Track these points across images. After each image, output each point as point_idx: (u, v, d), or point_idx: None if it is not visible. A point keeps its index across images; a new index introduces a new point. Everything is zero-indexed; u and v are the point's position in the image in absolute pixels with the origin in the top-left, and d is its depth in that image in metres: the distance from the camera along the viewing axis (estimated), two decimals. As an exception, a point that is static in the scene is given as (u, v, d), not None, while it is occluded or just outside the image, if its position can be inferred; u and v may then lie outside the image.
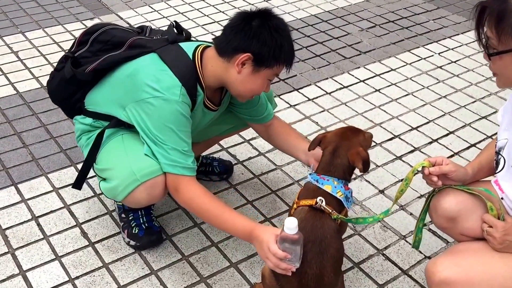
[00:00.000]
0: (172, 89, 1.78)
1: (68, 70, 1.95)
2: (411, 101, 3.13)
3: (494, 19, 1.48)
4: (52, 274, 2.01)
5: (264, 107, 2.16)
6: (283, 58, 1.81)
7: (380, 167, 2.62)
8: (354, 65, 3.47)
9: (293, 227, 1.57)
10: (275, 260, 1.62)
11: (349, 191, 1.81)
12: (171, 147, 1.79)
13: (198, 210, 1.85)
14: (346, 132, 1.82)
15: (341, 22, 3.98)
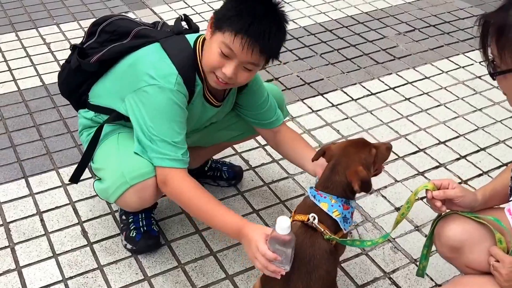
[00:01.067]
0: (168, 77, 1.72)
1: (74, 60, 1.94)
2: (442, 112, 2.95)
3: (495, 35, 1.34)
4: (47, 272, 2.01)
5: (272, 111, 2.07)
6: (235, 24, 1.62)
7: (399, 182, 2.48)
8: (386, 70, 3.31)
9: (286, 227, 1.47)
10: (264, 261, 1.52)
11: (349, 211, 1.70)
12: (161, 139, 1.72)
13: (186, 204, 1.77)
14: (350, 147, 1.70)
15: (378, 25, 3.82)
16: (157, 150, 1.73)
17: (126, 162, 1.79)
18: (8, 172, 2.45)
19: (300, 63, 3.36)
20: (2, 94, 2.96)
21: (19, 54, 3.31)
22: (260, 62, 1.70)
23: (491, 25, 1.36)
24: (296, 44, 3.54)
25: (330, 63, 3.37)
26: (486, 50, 1.40)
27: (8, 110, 2.84)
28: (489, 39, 1.38)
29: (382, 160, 1.76)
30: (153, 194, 1.84)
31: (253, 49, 1.63)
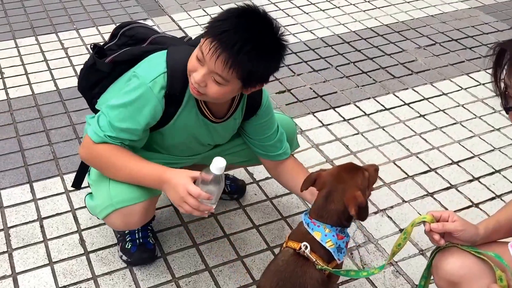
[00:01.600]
0: (152, 72, 1.69)
1: (91, 58, 1.95)
2: (458, 131, 2.86)
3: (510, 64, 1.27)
4: (41, 280, 2.01)
5: (281, 144, 1.99)
6: (214, 29, 1.53)
7: (406, 203, 2.41)
8: (402, 85, 3.23)
9: (221, 167, 1.54)
10: (195, 202, 1.58)
11: (343, 241, 1.63)
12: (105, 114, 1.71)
13: (100, 164, 1.75)
14: (342, 173, 1.64)
15: (398, 38, 3.74)
16: (95, 119, 1.72)
17: (115, 185, 1.77)
18: (14, 177, 2.47)
19: (314, 75, 3.31)
20: (16, 98, 3.00)
21: (37, 58, 3.36)
22: (227, 76, 1.55)
23: (507, 54, 1.30)
24: (312, 56, 3.50)
25: (345, 76, 3.31)
26: (499, 81, 1.34)
27: (20, 114, 2.88)
28: (504, 68, 1.31)
29: (373, 183, 1.70)
30: (138, 219, 1.82)
31: (218, 56, 1.51)
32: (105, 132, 1.69)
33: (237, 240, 2.21)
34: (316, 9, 4.10)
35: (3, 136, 2.71)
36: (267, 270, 1.63)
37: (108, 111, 1.71)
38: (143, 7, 4.04)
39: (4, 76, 3.17)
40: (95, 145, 1.71)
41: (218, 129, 1.90)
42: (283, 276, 1.57)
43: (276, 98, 3.08)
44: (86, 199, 1.93)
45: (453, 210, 2.37)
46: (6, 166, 2.53)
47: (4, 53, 3.40)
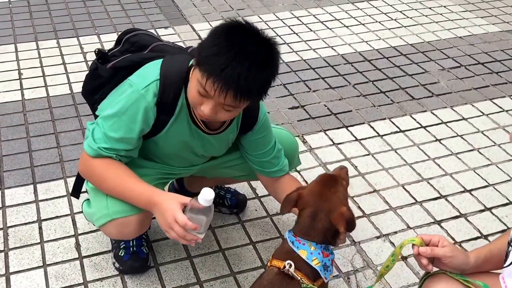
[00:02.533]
0: (145, 80, 1.68)
1: (93, 63, 1.95)
2: (474, 158, 2.76)
3: None
4: (33, 282, 2.01)
5: (278, 161, 1.95)
6: (209, 65, 1.48)
7: (411, 229, 2.32)
8: (420, 107, 3.15)
9: (209, 199, 1.50)
10: (181, 231, 1.55)
11: (329, 259, 1.59)
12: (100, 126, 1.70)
13: (94, 179, 1.74)
14: (323, 190, 1.60)
15: (421, 58, 3.65)
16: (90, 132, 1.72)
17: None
18: (19, 177, 2.49)
19: (330, 92, 3.25)
20: (31, 99, 3.04)
21: (56, 61, 3.40)
22: (239, 104, 1.55)
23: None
24: (330, 72, 3.44)
25: (362, 94, 3.24)
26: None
27: (33, 115, 2.91)
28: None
29: (348, 182, 1.69)
30: (133, 230, 1.81)
31: (226, 93, 1.49)
32: (99, 144, 1.69)
33: (232, 255, 2.16)
34: (340, 25, 4.05)
35: (14, 136, 2.75)
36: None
37: (103, 122, 1.71)
38: (166, 15, 4.06)
39: (22, 77, 3.22)
40: (90, 159, 1.71)
41: (212, 141, 1.87)
42: None
43: (288, 114, 3.04)
44: (84, 205, 1.92)
45: (460, 240, 2.28)
46: (13, 166, 2.55)
47: (25, 54, 3.46)
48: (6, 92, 3.10)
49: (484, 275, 1.51)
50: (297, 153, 2.13)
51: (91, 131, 1.73)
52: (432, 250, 1.46)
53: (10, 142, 2.70)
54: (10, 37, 3.67)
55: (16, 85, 3.16)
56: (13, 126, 2.82)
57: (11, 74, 3.26)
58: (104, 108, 1.87)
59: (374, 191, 2.53)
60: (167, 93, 1.69)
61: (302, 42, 3.80)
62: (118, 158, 1.71)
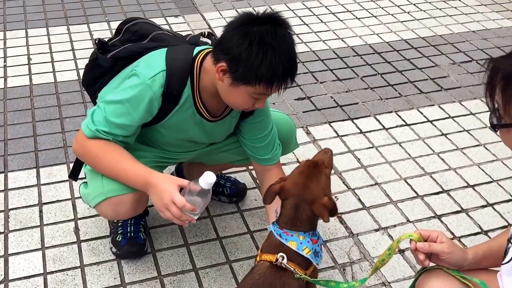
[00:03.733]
0: (151, 70, 1.69)
1: (93, 52, 1.97)
2: (479, 153, 2.72)
3: (501, 84, 1.19)
4: (31, 264, 2.04)
5: (270, 148, 1.96)
6: (262, 78, 1.56)
7: (411, 223, 2.30)
8: (428, 101, 3.11)
9: (211, 182, 1.52)
10: (178, 212, 1.58)
11: (318, 244, 1.59)
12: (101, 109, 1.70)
13: (90, 159, 1.75)
14: (305, 180, 1.58)
15: (432, 52, 3.60)
16: (90, 113, 1.73)
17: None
18: (23, 161, 2.52)
19: (337, 84, 3.23)
20: (38, 84, 3.07)
21: (65, 47, 3.43)
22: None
23: (498, 72, 1.21)
24: (339, 64, 3.42)
25: (369, 87, 3.21)
26: (493, 98, 1.25)
27: (40, 100, 2.94)
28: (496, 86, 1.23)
29: (331, 167, 1.68)
30: (128, 210, 1.82)
31: (284, 89, 1.64)
32: (97, 126, 1.70)
33: (229, 243, 2.17)
34: (352, 17, 4.01)
35: (20, 120, 2.78)
36: (244, 283, 1.57)
37: (105, 106, 1.71)
38: (177, 4, 4.06)
39: (31, 63, 3.26)
40: (86, 140, 1.72)
41: (214, 128, 1.89)
42: None
43: (294, 105, 3.03)
44: (81, 187, 1.94)
45: (460, 235, 2.26)
46: (17, 149, 2.59)
47: (35, 40, 3.49)
48: (15, 77, 3.13)
49: (482, 272, 1.48)
50: (294, 136, 2.13)
51: (90, 112, 1.75)
52: (429, 246, 1.43)
53: (15, 126, 2.74)
54: (21, 23, 3.71)
55: (24, 70, 3.19)
56: (19, 111, 2.85)
57: (21, 59, 3.30)
58: (105, 95, 1.88)
59: (376, 184, 2.51)
60: (173, 84, 1.71)
61: (313, 33, 3.77)
62: (115, 141, 1.72)
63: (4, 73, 3.16)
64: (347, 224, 2.29)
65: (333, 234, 2.24)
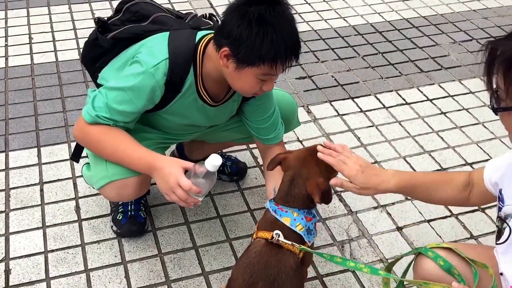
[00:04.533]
0: (154, 58, 1.68)
1: (92, 32, 1.96)
2: (478, 131, 2.72)
3: (502, 67, 1.18)
4: (32, 242, 2.06)
5: (272, 129, 1.97)
6: (265, 57, 1.55)
7: (408, 201, 2.32)
8: (428, 80, 3.10)
9: (217, 164, 1.54)
10: (184, 195, 1.58)
11: (312, 222, 1.60)
12: (103, 95, 1.70)
13: (91, 144, 1.75)
14: (308, 157, 1.59)
15: (433, 31, 3.58)
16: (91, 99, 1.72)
17: None
18: (24, 140, 2.54)
19: (338, 63, 3.22)
20: (40, 64, 3.07)
21: (66, 26, 3.42)
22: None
23: (499, 55, 1.21)
24: (340, 43, 3.41)
25: (370, 66, 3.20)
26: (491, 80, 1.25)
27: (41, 79, 2.94)
28: (495, 68, 1.23)
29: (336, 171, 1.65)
30: (132, 192, 1.83)
31: (289, 68, 1.65)
32: (98, 112, 1.69)
33: (229, 222, 2.19)
34: (359, 2, 3.98)
35: (21, 99, 2.79)
36: (240, 262, 1.59)
37: (107, 93, 1.71)
38: (180, -16, 4.03)
39: (33, 42, 3.25)
40: (87, 126, 1.72)
41: (217, 112, 1.89)
42: (256, 268, 1.53)
43: (295, 84, 3.02)
44: (83, 168, 1.95)
45: (457, 212, 2.27)
46: (19, 129, 2.60)
47: (37, 19, 3.48)
48: (16, 56, 3.13)
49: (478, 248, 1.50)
50: (296, 114, 2.14)
51: (91, 98, 1.74)
52: (342, 184, 1.55)
53: (16, 106, 2.75)
54: (23, 2, 3.69)
55: (26, 50, 3.19)
56: (20, 90, 2.86)
57: (22, 39, 3.30)
58: (106, 77, 1.88)
59: (375, 162, 2.52)
60: (176, 73, 1.71)
61: (314, 12, 3.75)
62: (115, 126, 1.73)
63: (5, 52, 3.16)
64: (346, 202, 2.31)
65: (332, 212, 2.26)
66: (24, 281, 1.92)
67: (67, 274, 1.95)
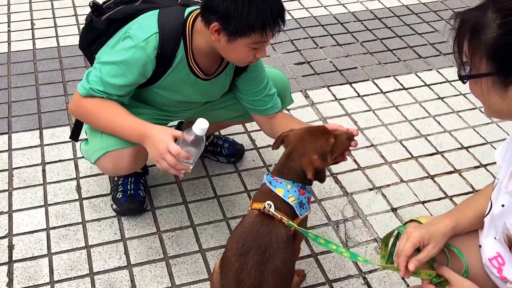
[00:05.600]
0: (144, 33, 1.74)
1: (88, 16, 2.02)
2: (475, 116, 2.75)
3: (469, 35, 1.22)
4: (34, 220, 2.12)
5: (270, 99, 2.02)
6: (254, 26, 1.62)
7: (404, 183, 2.36)
8: (426, 66, 3.13)
9: (205, 128, 1.58)
10: (174, 160, 1.61)
11: (305, 196, 1.64)
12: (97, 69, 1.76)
13: (85, 116, 1.82)
14: (307, 134, 1.63)
15: (433, 17, 3.60)
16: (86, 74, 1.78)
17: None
18: (26, 122, 2.58)
19: (337, 49, 3.25)
20: (42, 49, 3.11)
21: (68, 12, 3.46)
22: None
23: (465, 24, 1.24)
24: (339, 29, 3.43)
25: (369, 52, 3.23)
26: (461, 50, 1.28)
27: (43, 64, 2.99)
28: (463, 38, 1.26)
29: (342, 150, 1.68)
30: (128, 164, 1.88)
31: (278, 32, 1.70)
32: (92, 85, 1.75)
33: (226, 202, 2.24)
34: (353, -17, 4.00)
35: (23, 83, 2.84)
36: (234, 233, 1.64)
37: (100, 67, 1.77)
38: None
39: (35, 27, 3.30)
40: (82, 99, 1.78)
41: (209, 86, 1.94)
42: (249, 237, 1.57)
43: (294, 69, 3.06)
44: (82, 144, 2.00)
45: (452, 194, 2.31)
46: (21, 111, 2.65)
47: (39, 5, 3.52)
48: (18, 41, 3.18)
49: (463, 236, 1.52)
50: (289, 91, 2.18)
51: (86, 73, 1.80)
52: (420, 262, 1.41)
53: (19, 89, 2.79)
54: (25, -11, 3.73)
55: (28, 35, 3.23)
56: (23, 74, 2.90)
57: (24, 24, 3.34)
58: (102, 56, 1.93)
59: (372, 145, 2.55)
60: (167, 46, 1.76)
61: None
62: (109, 99, 1.78)
63: (8, 38, 3.20)
64: (342, 183, 2.35)
65: (328, 193, 2.30)
66: (27, 256, 1.97)
67: (69, 250, 2.00)
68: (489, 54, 1.15)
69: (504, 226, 1.34)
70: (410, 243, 1.39)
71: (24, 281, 1.89)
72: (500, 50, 1.13)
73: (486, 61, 1.16)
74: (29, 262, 1.95)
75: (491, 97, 1.21)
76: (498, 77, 1.15)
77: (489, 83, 1.18)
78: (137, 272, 1.95)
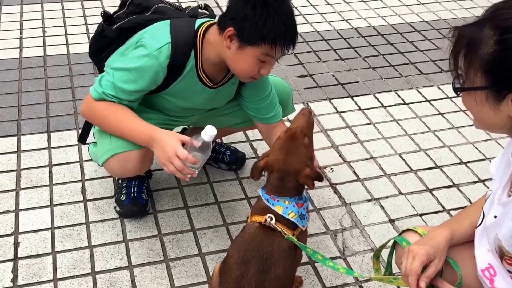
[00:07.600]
0: (157, 42, 1.82)
1: (99, 25, 2.10)
2: (475, 132, 2.80)
3: (465, 50, 1.27)
4: (40, 219, 2.17)
5: (273, 107, 2.09)
6: (266, 37, 1.70)
7: (402, 195, 2.40)
8: (427, 82, 3.19)
9: (213, 134, 1.64)
10: (181, 164, 1.68)
11: (304, 207, 1.69)
12: (110, 74, 1.82)
13: (97, 118, 1.89)
14: (285, 154, 1.67)
15: (435, 35, 3.67)
16: (99, 79, 1.85)
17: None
18: (35, 125, 2.65)
19: (339, 63, 3.32)
20: (52, 55, 3.19)
21: (78, 21, 3.55)
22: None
23: (461, 38, 1.30)
24: (342, 44, 3.50)
25: (371, 67, 3.30)
26: (457, 62, 1.34)
27: (53, 70, 3.07)
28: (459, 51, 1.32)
29: (311, 126, 1.76)
30: (134, 166, 1.94)
31: (288, 50, 1.77)
32: (104, 89, 1.82)
33: (227, 208, 2.29)
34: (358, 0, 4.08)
35: (34, 88, 2.91)
36: (235, 241, 1.68)
37: (113, 72, 1.84)
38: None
39: (46, 35, 3.38)
40: (94, 102, 1.85)
41: (216, 95, 2.02)
42: (250, 247, 1.61)
43: (296, 81, 3.12)
44: (90, 146, 2.07)
45: (449, 208, 2.35)
46: (31, 115, 2.72)
47: (50, 14, 3.61)
48: (30, 48, 3.26)
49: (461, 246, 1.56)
50: (291, 99, 2.25)
51: (99, 77, 1.88)
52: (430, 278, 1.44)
53: (29, 94, 2.87)
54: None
55: (39, 42, 3.32)
56: (33, 79, 2.98)
57: (36, 32, 3.43)
58: (112, 63, 2.00)
59: (371, 158, 2.60)
60: (178, 56, 1.84)
61: (318, 14, 3.85)
62: (119, 103, 1.84)
63: (20, 44, 3.29)
64: (341, 194, 2.40)
65: (327, 203, 2.35)
66: (32, 253, 2.03)
67: (72, 249, 2.06)
68: (484, 68, 1.20)
69: (496, 237, 1.38)
70: (419, 261, 1.42)
71: (28, 278, 1.94)
72: (496, 66, 1.18)
73: (481, 75, 1.22)
74: (33, 260, 2.01)
75: (483, 110, 1.26)
76: (492, 91, 1.21)
77: (483, 96, 1.23)
78: (137, 272, 2.00)
